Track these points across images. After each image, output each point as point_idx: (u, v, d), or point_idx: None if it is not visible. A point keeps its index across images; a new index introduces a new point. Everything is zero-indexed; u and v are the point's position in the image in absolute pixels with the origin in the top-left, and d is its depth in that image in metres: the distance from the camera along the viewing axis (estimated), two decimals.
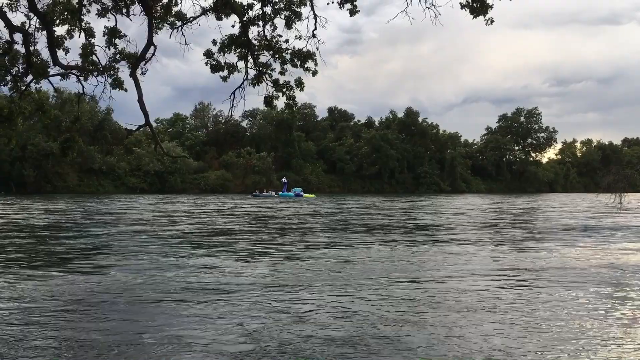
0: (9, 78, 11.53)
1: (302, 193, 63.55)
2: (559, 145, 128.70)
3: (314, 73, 11.47)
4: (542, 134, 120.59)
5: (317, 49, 11.32)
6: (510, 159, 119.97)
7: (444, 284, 9.11)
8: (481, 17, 9.52)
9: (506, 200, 53.64)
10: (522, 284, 9.16)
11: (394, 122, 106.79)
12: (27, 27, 10.88)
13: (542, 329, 6.28)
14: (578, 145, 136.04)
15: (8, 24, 10.50)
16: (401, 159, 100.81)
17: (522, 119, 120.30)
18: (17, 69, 11.50)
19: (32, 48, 11.08)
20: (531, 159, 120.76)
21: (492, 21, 9.52)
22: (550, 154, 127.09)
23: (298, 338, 5.84)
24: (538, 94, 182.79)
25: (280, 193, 65.16)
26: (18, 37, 11.00)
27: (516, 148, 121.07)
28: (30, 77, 11.60)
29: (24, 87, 11.86)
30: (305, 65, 11.43)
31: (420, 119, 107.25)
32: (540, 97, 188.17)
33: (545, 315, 6.89)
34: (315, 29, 11.13)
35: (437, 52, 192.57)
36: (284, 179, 73.47)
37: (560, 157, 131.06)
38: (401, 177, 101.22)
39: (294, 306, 7.34)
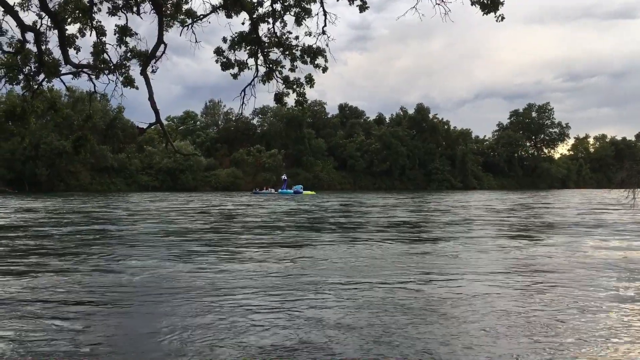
0: (21, 77, 11.65)
1: (302, 190, 62.67)
2: (571, 141, 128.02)
3: (324, 69, 11.47)
4: (555, 130, 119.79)
5: (327, 45, 11.34)
6: (522, 155, 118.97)
7: (402, 285, 8.45)
8: (492, 14, 9.46)
9: (502, 197, 52.00)
10: (504, 283, 8.63)
11: (405, 118, 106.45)
12: (38, 26, 10.97)
13: (531, 330, 6.19)
14: (591, 140, 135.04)
15: (20, 23, 10.58)
16: (412, 155, 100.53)
17: (534, 114, 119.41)
18: (29, 68, 11.62)
19: (43, 47, 11.18)
20: (543, 155, 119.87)
21: (502, 18, 9.44)
22: (562, 150, 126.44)
23: (237, 346, 5.37)
24: (550, 90, 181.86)
25: (280, 190, 64.40)
26: (30, 36, 11.11)
27: (528, 144, 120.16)
28: (42, 76, 11.72)
29: (36, 86, 11.98)
30: (315, 62, 11.44)
31: (430, 115, 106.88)
32: (553, 93, 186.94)
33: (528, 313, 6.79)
34: (325, 25, 11.13)
35: (447, 48, 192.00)
36: (283, 176, 72.23)
37: (572, 152, 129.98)
38: (412, 173, 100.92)
39: (233, 310, 6.73)
